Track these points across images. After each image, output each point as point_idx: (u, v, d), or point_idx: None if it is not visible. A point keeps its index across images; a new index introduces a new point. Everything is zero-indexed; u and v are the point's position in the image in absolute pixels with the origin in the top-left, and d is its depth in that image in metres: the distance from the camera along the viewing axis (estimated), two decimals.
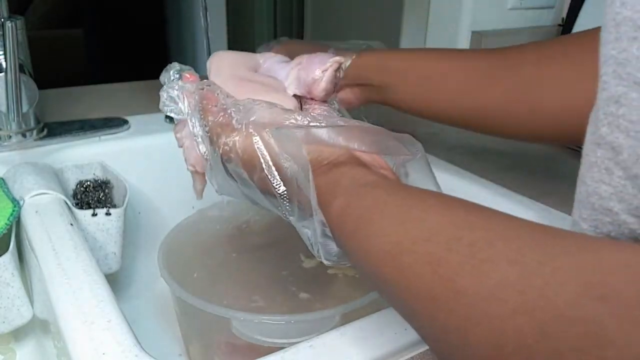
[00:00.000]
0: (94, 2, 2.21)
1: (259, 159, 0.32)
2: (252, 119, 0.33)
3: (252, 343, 0.40)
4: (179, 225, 0.53)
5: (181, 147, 0.40)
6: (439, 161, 0.60)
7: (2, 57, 0.53)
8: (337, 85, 0.39)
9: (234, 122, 0.34)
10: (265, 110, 0.34)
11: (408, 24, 0.93)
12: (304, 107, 0.39)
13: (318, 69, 0.38)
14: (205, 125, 0.36)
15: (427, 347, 0.34)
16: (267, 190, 0.33)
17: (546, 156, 0.67)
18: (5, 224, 0.44)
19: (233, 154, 0.33)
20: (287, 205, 0.32)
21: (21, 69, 0.53)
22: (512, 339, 0.19)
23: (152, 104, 0.73)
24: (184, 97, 0.38)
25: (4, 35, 0.50)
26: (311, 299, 0.46)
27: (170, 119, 0.68)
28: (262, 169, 0.32)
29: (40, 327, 0.48)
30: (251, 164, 0.33)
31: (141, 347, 0.31)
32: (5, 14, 0.52)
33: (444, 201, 0.27)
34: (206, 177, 0.39)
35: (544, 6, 0.90)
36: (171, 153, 0.66)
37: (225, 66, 0.40)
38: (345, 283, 0.50)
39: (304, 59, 0.39)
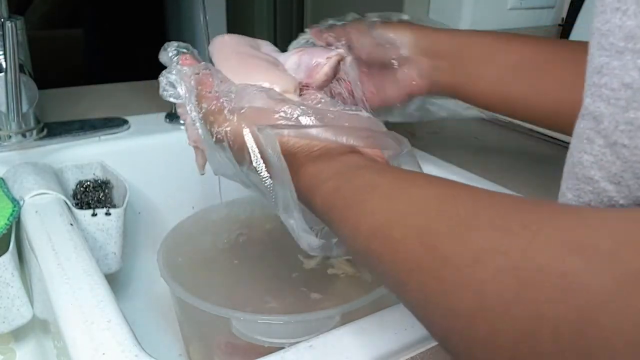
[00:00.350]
0: (94, 2, 2.21)
1: (248, 151, 0.33)
2: (242, 110, 0.34)
3: (252, 343, 0.40)
4: (179, 225, 0.53)
5: (183, 122, 0.41)
6: (438, 161, 0.60)
7: (2, 57, 0.53)
8: (334, 77, 0.40)
9: (225, 112, 0.35)
10: (258, 99, 0.35)
11: None
12: (301, 93, 0.40)
13: (321, 57, 0.39)
14: (200, 112, 0.36)
15: (427, 347, 0.34)
16: (256, 179, 0.34)
17: (547, 156, 0.67)
18: (5, 224, 0.44)
19: (225, 143, 0.35)
20: (273, 198, 0.33)
21: (21, 69, 0.53)
22: (493, 298, 0.19)
23: (152, 104, 0.73)
24: (181, 82, 0.38)
25: (4, 35, 0.50)
26: (323, 299, 0.47)
27: (170, 118, 0.69)
28: (251, 162, 0.33)
29: (40, 327, 0.48)
30: (241, 155, 0.34)
31: (141, 347, 0.31)
32: (5, 14, 0.52)
33: (432, 179, 0.28)
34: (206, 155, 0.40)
35: (544, 6, 0.90)
36: (171, 153, 0.66)
37: (228, 43, 0.42)
38: (347, 282, 0.50)
39: (306, 48, 0.41)
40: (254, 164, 0.33)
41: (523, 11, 0.88)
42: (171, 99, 0.39)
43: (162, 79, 0.39)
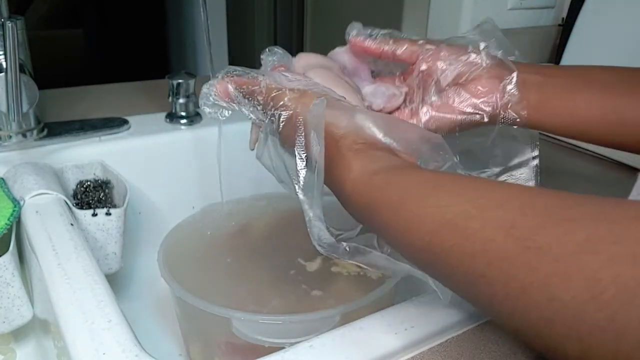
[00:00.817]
0: (94, 2, 2.21)
1: (295, 136, 0.35)
2: (302, 100, 0.36)
3: (252, 343, 0.40)
4: (179, 225, 0.53)
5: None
6: None
7: (2, 57, 0.53)
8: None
9: (286, 99, 0.37)
10: (319, 92, 0.37)
11: (408, 24, 0.93)
12: None
13: (395, 89, 0.45)
14: (257, 104, 0.39)
15: (427, 347, 0.34)
16: (293, 165, 0.35)
17: (548, 155, 0.66)
18: (6, 224, 0.44)
19: (276, 125, 0.37)
20: (302, 184, 0.34)
21: (21, 69, 0.53)
22: (611, 285, 0.19)
23: (152, 104, 0.73)
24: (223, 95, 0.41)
25: (4, 35, 0.50)
26: (324, 296, 0.47)
27: (170, 118, 0.69)
28: (294, 146, 0.35)
29: (40, 327, 0.48)
30: (287, 139, 0.36)
31: (141, 347, 0.31)
32: (6, 14, 0.52)
33: (494, 181, 0.28)
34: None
35: (544, 6, 0.90)
36: (171, 153, 0.66)
37: (315, 58, 0.45)
38: (350, 281, 0.50)
39: (379, 81, 0.47)
40: (296, 149, 0.34)
41: (523, 11, 0.89)
42: (222, 117, 0.41)
43: (211, 110, 0.41)
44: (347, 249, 0.34)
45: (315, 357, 0.32)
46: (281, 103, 0.37)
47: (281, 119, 0.36)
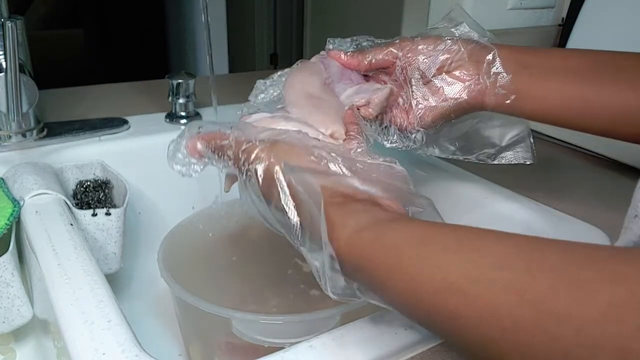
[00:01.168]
0: (94, 2, 2.21)
1: (277, 188, 0.33)
2: (275, 145, 0.35)
3: (252, 343, 0.40)
4: (179, 225, 0.53)
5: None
6: (435, 159, 0.60)
7: (2, 57, 0.53)
8: (386, 105, 0.45)
9: (257, 150, 0.35)
10: (290, 145, 0.35)
11: (408, 24, 0.93)
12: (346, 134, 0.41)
13: (379, 85, 0.45)
14: (228, 159, 0.37)
15: (427, 347, 0.34)
16: (282, 218, 0.34)
17: (548, 155, 0.67)
18: (6, 224, 0.44)
19: (254, 180, 0.35)
20: (300, 236, 0.33)
21: (21, 69, 0.53)
22: None
23: (152, 104, 0.74)
24: (188, 152, 0.41)
25: (4, 35, 0.50)
26: (322, 296, 0.46)
27: (170, 118, 0.69)
28: (279, 199, 0.33)
29: (40, 327, 0.48)
30: (269, 192, 0.34)
31: (141, 347, 0.31)
32: (5, 14, 0.52)
33: (491, 230, 0.26)
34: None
35: (544, 6, 0.90)
36: None
37: (299, 82, 0.44)
38: None
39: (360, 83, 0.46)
40: (282, 201, 0.33)
41: (523, 11, 0.88)
42: (194, 173, 0.41)
43: (175, 166, 0.42)
44: (359, 290, 0.31)
45: (315, 357, 0.32)
46: (253, 156, 0.35)
47: (258, 173, 0.34)
